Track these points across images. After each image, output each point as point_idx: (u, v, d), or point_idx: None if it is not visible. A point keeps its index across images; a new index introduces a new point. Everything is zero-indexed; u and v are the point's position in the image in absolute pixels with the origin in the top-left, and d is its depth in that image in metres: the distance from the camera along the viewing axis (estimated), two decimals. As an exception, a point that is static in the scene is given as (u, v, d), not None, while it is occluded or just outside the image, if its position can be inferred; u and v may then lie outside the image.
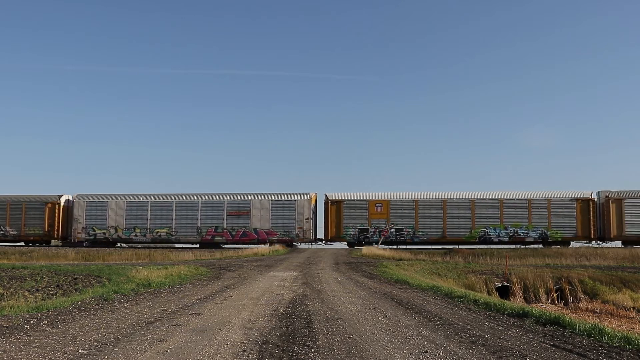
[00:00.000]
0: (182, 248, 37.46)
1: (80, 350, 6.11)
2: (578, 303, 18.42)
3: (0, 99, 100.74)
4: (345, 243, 37.86)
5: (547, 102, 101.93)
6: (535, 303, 18.15)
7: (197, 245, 38.67)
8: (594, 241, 36.69)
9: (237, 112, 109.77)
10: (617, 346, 6.53)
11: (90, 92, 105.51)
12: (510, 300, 16.35)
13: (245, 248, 35.09)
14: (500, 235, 36.81)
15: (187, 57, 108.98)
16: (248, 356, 5.95)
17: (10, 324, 7.63)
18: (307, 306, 9.94)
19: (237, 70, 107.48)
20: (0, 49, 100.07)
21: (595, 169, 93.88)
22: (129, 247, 37.99)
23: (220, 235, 38.29)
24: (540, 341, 6.88)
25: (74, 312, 8.95)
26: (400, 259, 25.68)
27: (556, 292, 19.81)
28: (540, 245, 36.43)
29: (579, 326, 7.56)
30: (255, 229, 38.02)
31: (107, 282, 13.86)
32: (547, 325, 7.98)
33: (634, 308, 16.94)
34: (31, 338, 6.78)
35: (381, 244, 36.34)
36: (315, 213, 38.64)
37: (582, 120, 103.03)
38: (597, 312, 16.62)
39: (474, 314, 9.33)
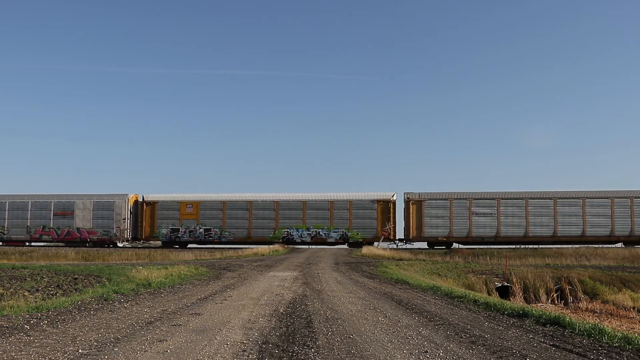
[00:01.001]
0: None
1: (80, 350, 6.11)
2: (578, 303, 18.42)
3: (0, 99, 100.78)
4: (160, 242, 39.81)
5: (547, 102, 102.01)
6: (535, 303, 18.14)
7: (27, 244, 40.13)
8: (395, 242, 38.04)
9: (237, 112, 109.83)
10: (617, 346, 6.53)
11: (90, 92, 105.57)
12: (510, 300, 16.35)
13: (245, 248, 35.10)
14: (303, 235, 38.04)
15: (187, 57, 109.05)
16: (248, 356, 5.95)
17: (10, 324, 7.63)
18: (307, 306, 9.94)
19: (237, 70, 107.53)
20: (0, 49, 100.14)
21: (595, 169, 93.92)
22: (129, 248, 38.07)
23: (47, 234, 39.73)
24: (540, 341, 6.88)
25: (74, 312, 8.95)
26: (400, 259, 25.69)
27: (556, 292, 19.81)
28: (345, 246, 37.68)
29: (579, 326, 7.56)
30: (78, 229, 39.30)
31: (107, 282, 13.86)
32: (547, 325, 7.98)
33: (634, 308, 16.94)
34: (31, 338, 6.78)
35: (381, 243, 36.41)
36: (133, 214, 40.00)
37: (582, 120, 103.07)
38: (597, 312, 16.62)
39: (474, 314, 9.33)
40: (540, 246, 36.37)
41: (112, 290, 11.77)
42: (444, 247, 37.02)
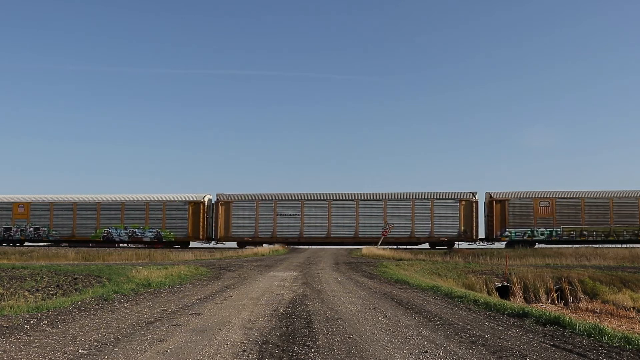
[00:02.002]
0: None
1: (80, 350, 6.11)
2: (578, 303, 18.42)
3: (0, 99, 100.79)
4: None
5: (547, 102, 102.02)
6: (535, 303, 18.14)
7: None
8: (208, 241, 39.55)
9: (237, 112, 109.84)
10: (617, 346, 6.53)
11: (90, 92, 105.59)
12: (510, 300, 16.35)
13: (245, 248, 35.12)
14: (121, 235, 39.58)
15: (187, 57, 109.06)
16: (248, 356, 5.95)
17: (10, 324, 7.63)
18: (307, 306, 9.94)
19: (237, 70, 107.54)
20: (0, 49, 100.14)
21: (595, 169, 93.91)
22: (128, 247, 38.09)
23: None
24: (540, 341, 6.88)
25: (74, 312, 8.95)
26: (400, 259, 25.70)
27: (556, 292, 19.81)
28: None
29: (579, 326, 7.56)
30: None
31: (107, 282, 13.86)
32: (547, 325, 7.98)
33: (634, 308, 16.94)
34: (31, 338, 6.77)
35: (381, 244, 36.42)
36: None
37: (582, 120, 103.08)
38: (597, 312, 16.62)
39: (474, 314, 9.33)
40: (342, 246, 37.60)
41: (112, 290, 11.76)
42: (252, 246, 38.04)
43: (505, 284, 20.25)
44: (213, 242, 39.42)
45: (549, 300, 19.01)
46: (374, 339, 6.93)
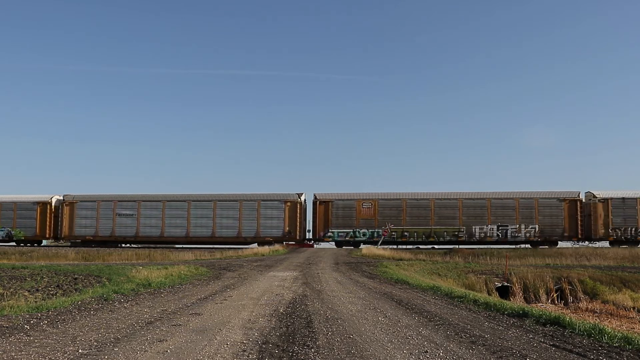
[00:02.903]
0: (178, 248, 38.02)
1: (80, 350, 6.11)
2: (578, 303, 18.41)
3: (0, 99, 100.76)
4: None
5: (547, 102, 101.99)
6: (535, 303, 18.14)
7: None
8: (56, 240, 41.67)
9: (237, 112, 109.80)
10: (617, 346, 6.53)
11: (90, 92, 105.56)
12: (510, 300, 16.34)
13: (245, 248, 35.13)
14: None
15: (187, 57, 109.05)
16: (248, 356, 5.94)
17: (10, 324, 7.63)
18: (307, 306, 9.94)
19: (237, 70, 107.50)
20: (0, 49, 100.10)
21: (595, 169, 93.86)
22: (129, 247, 38.13)
23: None
24: (540, 341, 6.88)
25: (74, 312, 8.95)
26: (400, 259, 25.69)
27: (556, 292, 19.80)
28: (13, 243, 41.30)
29: (579, 326, 7.55)
30: None
31: (107, 282, 13.86)
32: (547, 325, 7.97)
33: (634, 308, 16.93)
34: (31, 338, 6.77)
35: (381, 244, 36.40)
36: None
37: (582, 120, 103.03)
38: (597, 312, 16.61)
39: (474, 314, 9.33)
40: (176, 246, 38.65)
41: (112, 290, 11.76)
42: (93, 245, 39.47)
43: (505, 284, 20.24)
44: (61, 241, 41.58)
45: (549, 300, 19.00)
46: (374, 339, 6.93)
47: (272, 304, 10.18)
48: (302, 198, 38.72)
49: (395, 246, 36.73)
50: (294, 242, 38.31)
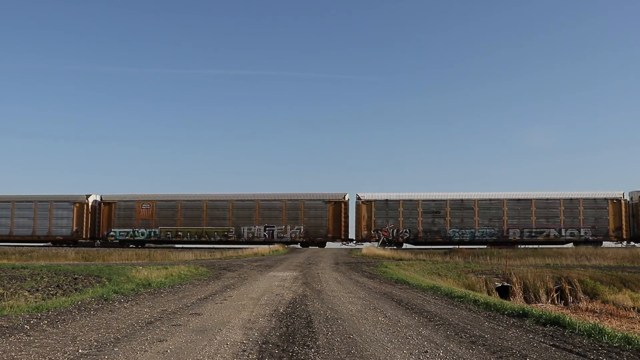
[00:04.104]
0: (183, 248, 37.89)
1: (80, 350, 6.11)
2: (578, 303, 18.41)
3: (0, 99, 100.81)
4: None
5: (547, 102, 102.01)
6: (535, 303, 18.14)
7: None
8: None
9: (237, 112, 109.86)
10: (617, 346, 6.53)
11: (90, 92, 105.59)
12: (510, 300, 16.34)
13: (245, 248, 35.14)
14: None
15: (187, 57, 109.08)
16: (248, 356, 5.94)
17: (10, 324, 7.63)
18: (307, 306, 9.94)
19: (237, 70, 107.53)
20: (0, 49, 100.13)
21: (595, 169, 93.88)
22: (129, 247, 38.14)
23: None
24: (540, 341, 6.88)
25: (74, 312, 8.95)
26: (400, 259, 25.69)
27: (556, 292, 19.80)
28: None
29: (579, 326, 7.55)
30: None
31: (107, 282, 13.86)
32: (547, 325, 7.97)
33: (634, 308, 16.93)
34: (31, 338, 6.77)
35: (380, 244, 36.41)
36: None
37: (582, 120, 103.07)
38: (597, 312, 16.61)
39: (474, 314, 9.33)
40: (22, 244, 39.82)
41: (112, 290, 11.76)
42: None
43: (505, 284, 20.24)
44: None
45: (549, 300, 19.00)
46: (374, 339, 6.93)
47: (272, 304, 10.18)
48: (90, 199, 40.89)
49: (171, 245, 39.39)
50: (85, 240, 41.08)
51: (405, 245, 37.85)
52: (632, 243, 37.19)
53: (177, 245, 38.41)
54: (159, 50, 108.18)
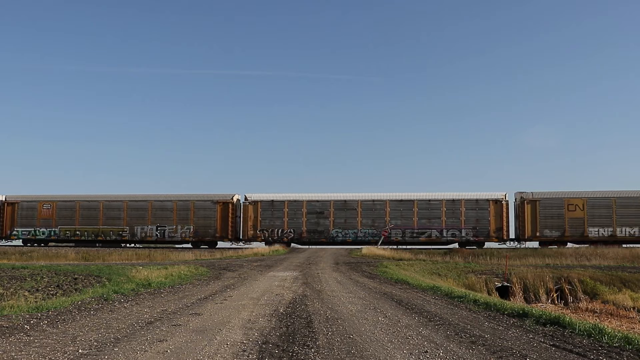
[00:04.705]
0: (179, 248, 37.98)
1: (80, 350, 6.11)
2: (578, 303, 18.41)
3: (0, 99, 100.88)
4: None
5: (547, 102, 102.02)
6: (535, 303, 18.14)
7: None
8: None
9: (237, 112, 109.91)
10: (617, 346, 6.53)
11: (90, 92, 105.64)
12: (510, 300, 16.35)
13: (245, 248, 35.18)
14: None
15: (187, 57, 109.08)
16: (248, 356, 5.95)
17: (10, 324, 7.63)
18: (307, 306, 9.94)
19: (237, 70, 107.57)
20: (0, 49, 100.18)
21: (595, 169, 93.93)
22: (129, 247, 38.17)
23: None
24: (540, 341, 6.88)
25: (74, 312, 8.95)
26: (400, 259, 25.69)
27: (556, 292, 19.81)
28: None
29: (579, 326, 7.56)
30: None
31: (107, 282, 13.86)
32: (547, 325, 7.98)
33: (634, 308, 16.93)
34: (31, 338, 6.77)
35: (381, 244, 36.43)
36: None
37: (582, 120, 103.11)
38: (597, 312, 16.61)
39: (474, 314, 9.33)
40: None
41: (112, 290, 11.76)
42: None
43: (505, 284, 20.24)
44: None
45: (549, 300, 19.00)
46: (374, 339, 6.93)
47: (272, 304, 10.18)
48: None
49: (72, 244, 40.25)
50: None
51: (292, 245, 38.76)
52: (516, 243, 37.76)
53: (61, 244, 39.61)
54: (159, 50, 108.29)
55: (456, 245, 37.65)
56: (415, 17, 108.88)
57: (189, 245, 39.07)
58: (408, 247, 37.08)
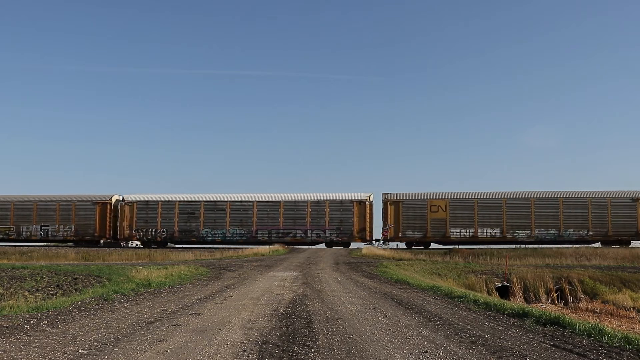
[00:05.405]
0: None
1: (80, 350, 6.11)
2: (578, 303, 18.41)
3: (0, 99, 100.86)
4: None
5: (547, 102, 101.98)
6: (535, 303, 18.14)
7: None
8: None
9: (237, 112, 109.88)
10: (617, 346, 6.53)
11: (90, 92, 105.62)
12: (510, 300, 16.34)
13: (245, 248, 35.19)
14: None
15: (187, 57, 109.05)
16: (248, 356, 5.94)
17: (10, 324, 7.63)
18: (307, 306, 9.94)
19: (237, 70, 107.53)
20: (0, 49, 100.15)
21: (595, 169, 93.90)
22: (129, 247, 38.20)
23: None
24: (540, 341, 6.88)
25: (74, 312, 8.95)
26: (401, 259, 25.68)
27: (556, 292, 19.81)
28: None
29: (579, 326, 7.55)
30: None
31: (107, 282, 13.86)
32: (547, 325, 7.97)
33: (634, 308, 16.93)
34: (31, 338, 6.77)
35: (383, 242, 36.47)
36: None
37: (582, 120, 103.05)
38: (597, 312, 16.61)
39: (474, 314, 9.33)
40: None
41: (112, 290, 11.76)
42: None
43: (505, 284, 20.24)
44: None
45: (549, 300, 19.00)
46: (374, 339, 6.93)
47: (272, 304, 10.18)
48: None
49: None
50: None
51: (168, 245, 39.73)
52: (381, 244, 38.25)
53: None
54: (159, 50, 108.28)
55: (322, 245, 38.36)
56: (415, 17, 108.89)
57: (72, 244, 40.50)
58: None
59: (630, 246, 35.25)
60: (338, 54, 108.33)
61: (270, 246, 35.28)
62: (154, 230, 39.33)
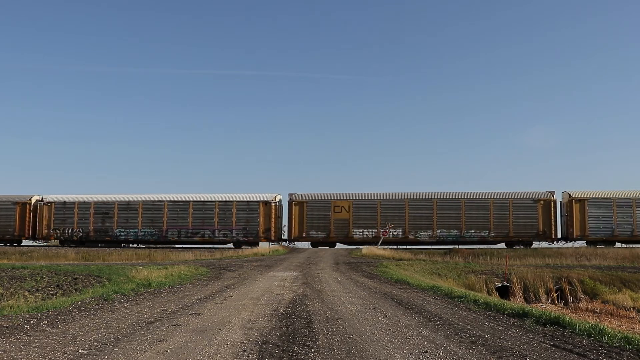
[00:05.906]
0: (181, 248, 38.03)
1: (80, 350, 6.11)
2: (578, 303, 18.42)
3: (0, 99, 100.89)
4: None
5: (547, 102, 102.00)
6: (535, 303, 18.14)
7: None
8: None
9: (237, 112, 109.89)
10: (617, 346, 6.53)
11: (90, 92, 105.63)
12: (510, 300, 16.34)
13: (245, 248, 35.24)
14: None
15: (187, 57, 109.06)
16: (248, 356, 5.94)
17: (10, 324, 7.63)
18: (307, 306, 9.94)
19: (237, 70, 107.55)
20: (0, 49, 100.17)
21: (595, 169, 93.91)
22: (129, 247, 38.20)
23: None
24: (540, 341, 6.88)
25: (74, 312, 8.95)
26: (400, 259, 25.69)
27: (556, 292, 19.81)
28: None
29: (579, 326, 7.56)
30: None
31: (107, 282, 13.86)
32: (547, 325, 7.98)
33: (634, 308, 16.93)
34: (31, 338, 6.77)
35: (380, 244, 36.45)
36: None
37: (582, 120, 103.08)
38: (597, 312, 16.61)
39: (474, 314, 9.33)
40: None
41: (112, 290, 11.76)
42: None
43: (505, 284, 20.24)
44: None
45: (549, 300, 19.00)
46: (374, 339, 6.93)
47: (272, 304, 10.18)
48: None
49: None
50: None
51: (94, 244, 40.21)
52: (287, 243, 39.08)
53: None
54: (159, 50, 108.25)
55: (230, 245, 38.79)
56: (416, 17, 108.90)
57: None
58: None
59: (532, 246, 35.65)
60: (338, 54, 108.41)
61: (270, 246, 35.33)
62: (70, 230, 40.21)
